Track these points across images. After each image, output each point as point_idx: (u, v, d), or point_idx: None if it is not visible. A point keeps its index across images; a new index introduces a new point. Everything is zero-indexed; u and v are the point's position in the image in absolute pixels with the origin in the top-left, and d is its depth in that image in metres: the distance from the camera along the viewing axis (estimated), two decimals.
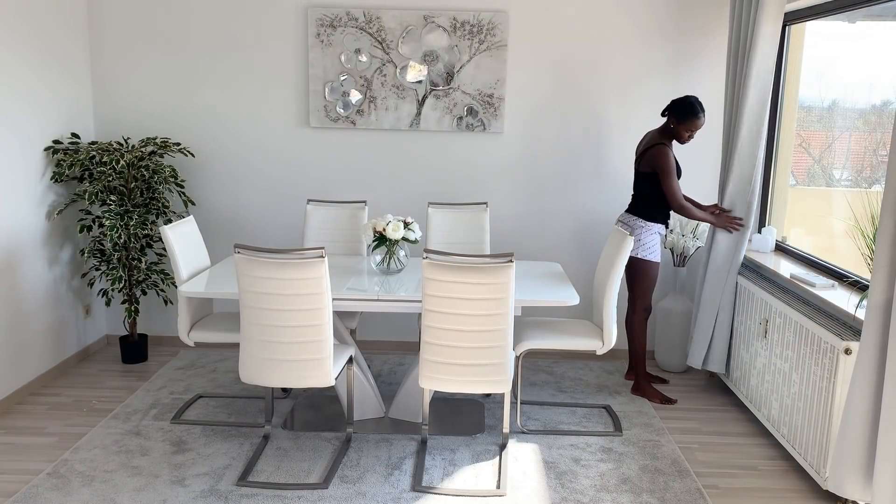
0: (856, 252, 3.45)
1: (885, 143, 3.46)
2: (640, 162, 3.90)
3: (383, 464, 3.25)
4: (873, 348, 2.61)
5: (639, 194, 3.95)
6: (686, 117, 3.73)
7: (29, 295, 3.97)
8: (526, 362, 4.60)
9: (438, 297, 2.95)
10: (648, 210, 3.91)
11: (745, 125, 3.82)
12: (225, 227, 4.67)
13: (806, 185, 4.45)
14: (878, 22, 3.70)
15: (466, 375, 3.04)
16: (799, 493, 3.11)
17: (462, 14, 4.37)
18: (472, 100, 4.45)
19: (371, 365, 4.48)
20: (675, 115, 3.76)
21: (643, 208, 3.92)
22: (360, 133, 4.56)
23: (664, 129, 3.85)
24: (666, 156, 3.77)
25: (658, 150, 3.79)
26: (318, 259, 2.90)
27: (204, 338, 3.55)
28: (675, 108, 3.78)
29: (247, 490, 3.01)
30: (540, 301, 3.26)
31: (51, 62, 4.12)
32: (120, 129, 4.58)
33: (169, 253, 3.51)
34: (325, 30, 4.40)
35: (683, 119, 3.74)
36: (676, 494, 3.05)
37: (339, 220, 4.21)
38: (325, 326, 2.99)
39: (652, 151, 3.82)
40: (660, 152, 3.78)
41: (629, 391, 4.14)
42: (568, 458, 3.35)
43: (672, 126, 3.79)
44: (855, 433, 2.68)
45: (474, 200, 4.60)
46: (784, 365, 3.35)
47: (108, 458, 3.26)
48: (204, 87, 4.53)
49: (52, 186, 4.17)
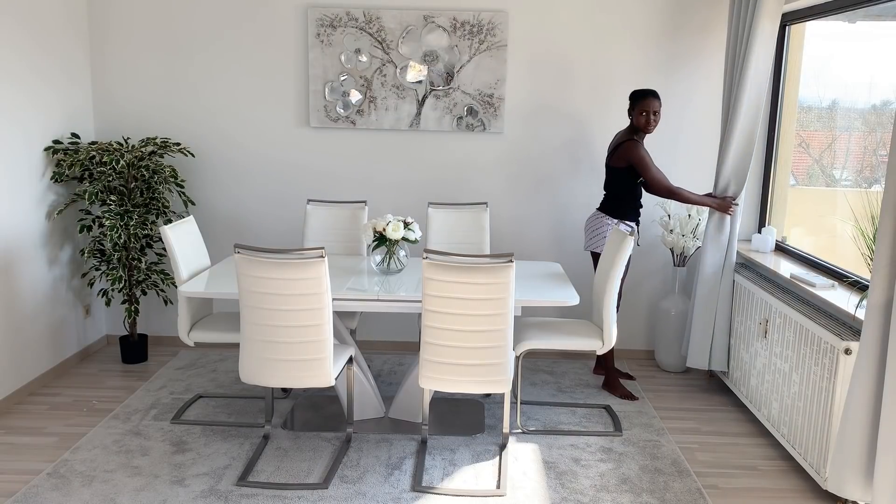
0: (856, 252, 3.46)
1: (885, 143, 3.46)
2: (612, 158, 3.96)
3: (383, 464, 3.25)
4: (873, 348, 2.61)
5: (610, 193, 4.02)
6: (635, 100, 3.87)
7: (29, 295, 3.97)
8: (526, 362, 4.60)
9: (438, 297, 2.95)
10: (621, 208, 3.97)
11: (740, 125, 3.83)
12: (225, 227, 4.68)
13: (806, 185, 4.45)
14: (878, 22, 3.70)
15: (466, 375, 3.04)
16: (799, 493, 3.11)
17: (462, 14, 4.37)
18: (472, 100, 4.45)
19: (371, 365, 4.48)
20: (631, 103, 3.90)
21: (615, 207, 3.98)
22: (360, 133, 4.56)
23: (629, 126, 3.95)
24: (637, 149, 3.84)
25: (628, 145, 3.87)
26: (318, 259, 2.90)
27: (204, 338, 3.55)
28: (630, 98, 3.93)
29: (247, 490, 3.01)
30: (540, 301, 3.26)
31: (51, 62, 4.12)
32: (120, 129, 4.58)
33: (169, 253, 3.51)
34: (325, 30, 4.40)
35: (634, 103, 3.88)
36: (676, 494, 3.05)
37: (339, 220, 4.21)
38: (325, 326, 2.99)
39: (622, 147, 3.89)
40: (630, 146, 3.85)
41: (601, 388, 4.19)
42: (568, 458, 3.35)
43: (631, 116, 3.89)
44: (855, 433, 2.68)
45: (474, 200, 4.60)
46: (784, 365, 3.35)
47: (108, 458, 3.26)
48: (204, 88, 4.53)
49: (52, 186, 4.17)
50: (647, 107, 3.84)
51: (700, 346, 4.11)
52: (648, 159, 3.84)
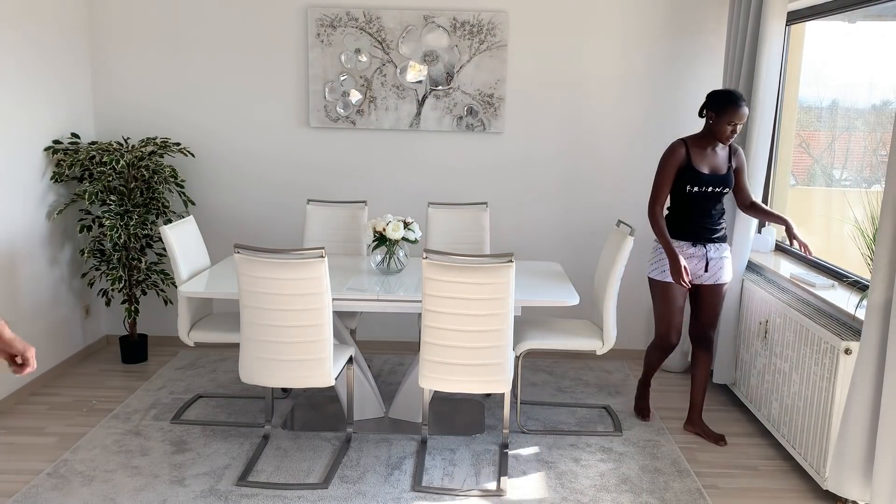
0: (856, 252, 3.46)
1: (885, 143, 3.46)
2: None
3: (383, 464, 3.25)
4: (873, 348, 2.61)
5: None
6: (724, 107, 3.24)
7: (29, 295, 3.97)
8: (526, 362, 4.60)
9: (438, 297, 2.95)
10: (671, 225, 3.49)
11: (757, 126, 3.80)
12: (225, 227, 4.67)
13: (806, 185, 4.45)
14: (878, 22, 3.70)
15: (466, 375, 3.04)
16: (799, 493, 3.11)
17: (462, 14, 4.37)
18: (472, 100, 4.45)
19: (371, 365, 4.48)
20: (713, 107, 3.29)
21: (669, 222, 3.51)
22: (360, 133, 4.56)
23: (702, 131, 3.40)
24: (669, 152, 3.38)
25: (670, 145, 3.42)
26: (318, 259, 2.90)
27: (204, 338, 3.55)
28: (712, 101, 3.31)
29: (247, 490, 3.01)
30: (540, 301, 3.26)
31: (51, 62, 4.11)
32: (120, 129, 4.58)
33: (169, 253, 3.51)
34: (325, 30, 4.40)
35: (722, 109, 3.25)
36: (676, 494, 3.05)
37: (339, 220, 4.21)
38: (325, 326, 2.99)
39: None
40: (668, 148, 3.41)
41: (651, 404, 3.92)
42: (568, 458, 3.35)
43: (711, 122, 3.32)
44: (855, 433, 2.68)
45: (474, 200, 4.60)
46: (784, 365, 3.35)
47: (108, 458, 3.26)
48: (204, 88, 4.53)
49: (52, 186, 4.17)
50: (737, 118, 3.24)
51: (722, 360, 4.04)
52: (668, 170, 3.37)
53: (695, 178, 3.35)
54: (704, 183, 3.35)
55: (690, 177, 3.35)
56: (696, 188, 3.36)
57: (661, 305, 3.50)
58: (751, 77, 3.86)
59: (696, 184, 3.35)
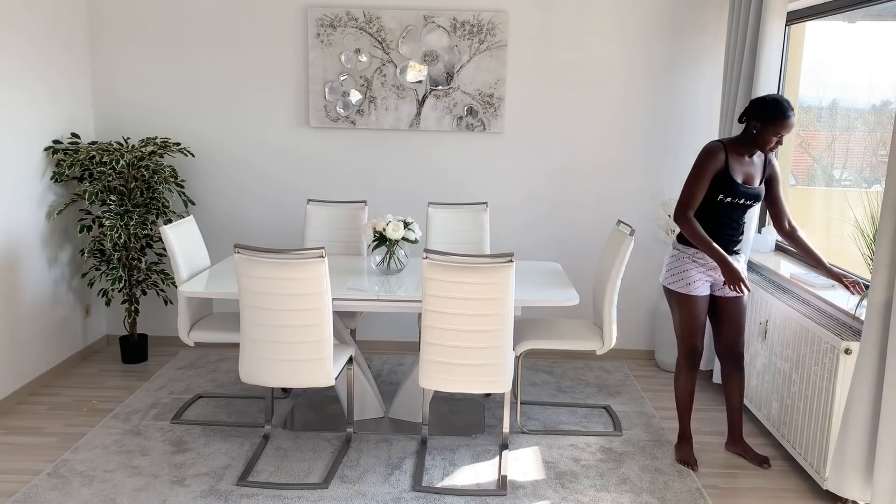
0: (856, 252, 3.45)
1: (885, 143, 3.46)
2: None
3: (383, 464, 3.25)
4: (873, 348, 2.61)
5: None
6: (774, 118, 3.00)
7: (29, 295, 3.97)
8: (526, 362, 4.60)
9: (438, 297, 2.95)
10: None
11: None
12: (225, 227, 4.68)
13: (806, 185, 4.45)
14: (878, 22, 3.70)
15: (466, 375, 3.04)
16: (799, 493, 3.11)
17: (462, 14, 4.37)
18: (472, 100, 4.45)
19: (371, 365, 4.48)
20: (759, 116, 3.04)
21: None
22: (360, 133, 4.56)
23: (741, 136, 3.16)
24: (709, 154, 3.10)
25: (706, 146, 3.15)
26: (318, 259, 2.90)
27: (204, 338, 3.55)
28: (758, 109, 3.05)
29: (247, 490, 3.01)
30: (540, 301, 3.26)
31: (51, 62, 4.12)
32: (120, 129, 4.58)
33: (169, 253, 3.51)
34: (325, 30, 4.40)
35: (771, 120, 3.00)
36: (676, 494, 3.05)
37: (339, 220, 4.21)
38: (325, 326, 2.99)
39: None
40: (704, 149, 3.14)
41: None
42: (568, 458, 3.35)
43: (755, 131, 3.06)
44: (855, 433, 2.68)
45: (474, 200, 4.60)
46: (784, 365, 3.35)
47: (108, 458, 3.26)
48: (204, 87, 4.53)
49: (52, 186, 4.17)
50: (785, 128, 3.02)
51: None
52: (706, 173, 3.09)
53: (729, 188, 3.09)
54: (739, 194, 3.11)
55: (725, 185, 3.09)
56: (728, 198, 3.11)
57: (686, 319, 3.22)
58: (751, 77, 3.86)
59: (729, 194, 3.10)
